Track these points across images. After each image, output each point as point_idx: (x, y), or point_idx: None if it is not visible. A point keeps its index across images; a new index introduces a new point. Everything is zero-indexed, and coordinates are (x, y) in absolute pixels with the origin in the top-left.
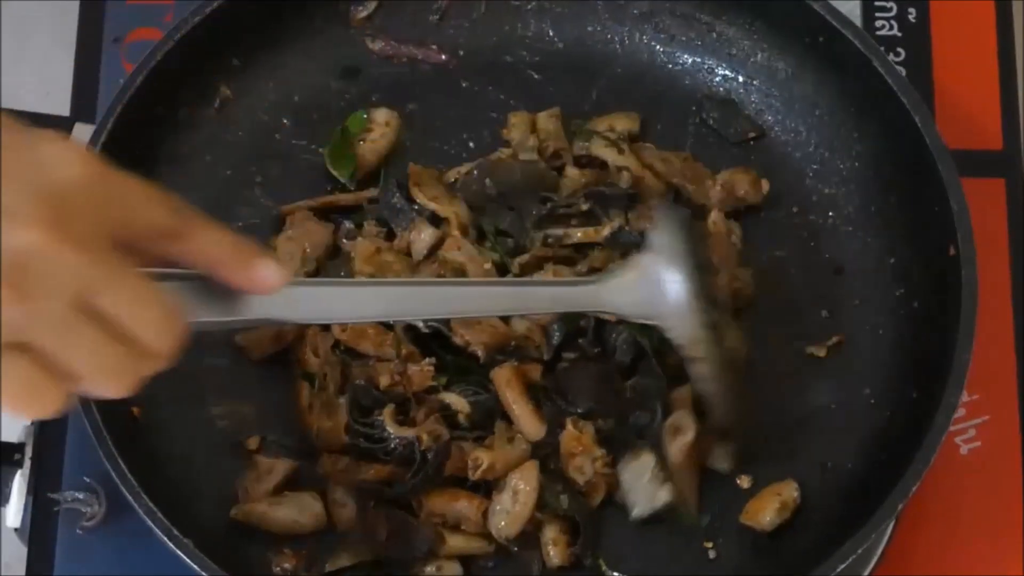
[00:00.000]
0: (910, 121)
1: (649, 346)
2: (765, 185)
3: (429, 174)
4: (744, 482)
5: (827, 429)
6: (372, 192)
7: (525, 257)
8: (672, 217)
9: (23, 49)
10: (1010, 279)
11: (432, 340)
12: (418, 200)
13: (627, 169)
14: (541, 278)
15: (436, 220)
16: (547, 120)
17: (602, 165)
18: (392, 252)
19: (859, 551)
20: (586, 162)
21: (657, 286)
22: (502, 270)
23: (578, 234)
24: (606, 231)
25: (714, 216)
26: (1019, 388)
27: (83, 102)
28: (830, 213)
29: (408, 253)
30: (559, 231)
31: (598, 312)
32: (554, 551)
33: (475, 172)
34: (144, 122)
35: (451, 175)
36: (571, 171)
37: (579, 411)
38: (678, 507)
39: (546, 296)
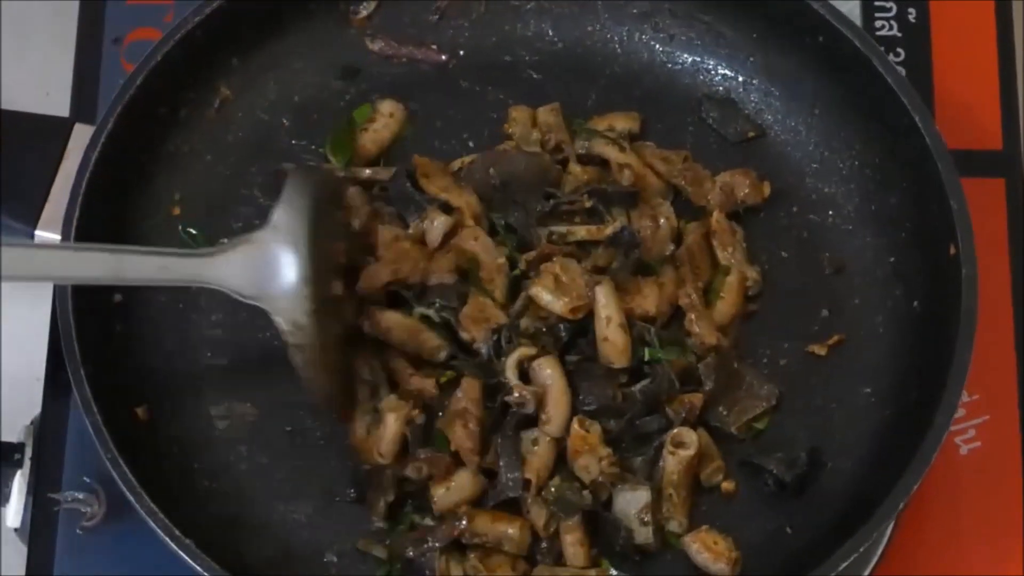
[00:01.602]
0: (910, 121)
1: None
2: (767, 188)
3: (436, 165)
4: (727, 487)
5: (827, 428)
6: (389, 170)
7: (532, 253)
8: (299, 188)
9: (23, 49)
10: (1010, 279)
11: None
12: (428, 191)
13: (629, 167)
14: (185, 250)
15: (448, 209)
16: (547, 114)
17: (603, 163)
18: (409, 240)
19: (859, 551)
20: (587, 160)
21: (268, 266)
22: (512, 265)
23: (581, 232)
24: (608, 230)
25: (716, 216)
26: (1019, 388)
27: (83, 102)
28: (830, 212)
29: (422, 241)
30: (563, 228)
31: (206, 285)
32: (575, 552)
33: (479, 162)
34: (144, 122)
35: (455, 164)
36: (574, 168)
37: (586, 409)
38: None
39: (152, 265)
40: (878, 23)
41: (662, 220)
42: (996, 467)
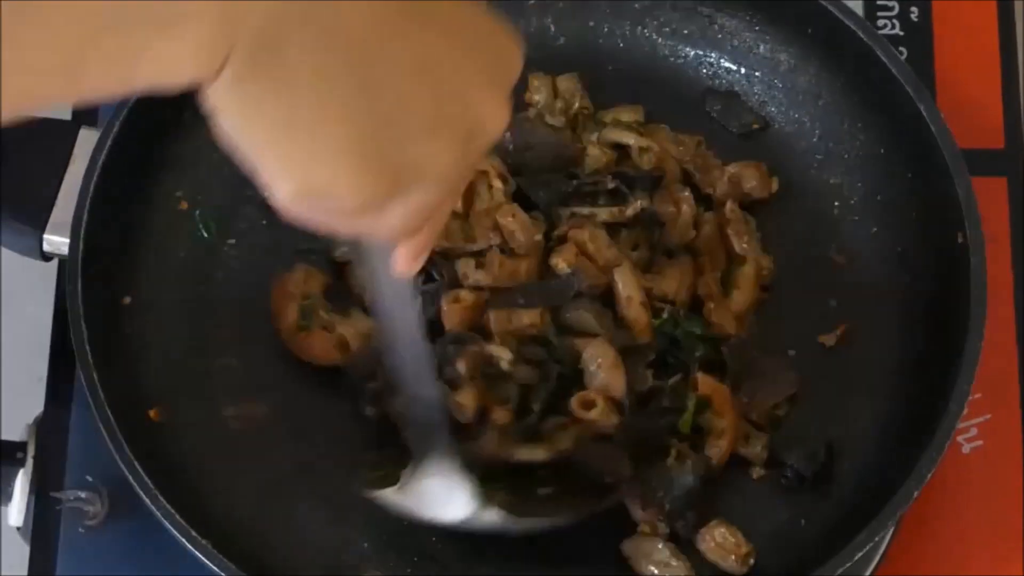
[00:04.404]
0: (913, 109)
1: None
2: (775, 183)
3: None
4: (757, 472)
5: (838, 417)
6: None
7: (563, 229)
8: None
9: None
10: (1012, 278)
11: None
12: None
13: (650, 150)
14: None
15: None
16: (567, 81)
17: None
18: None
19: (875, 540)
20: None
21: None
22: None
23: (604, 213)
24: (630, 211)
25: (730, 206)
26: (1021, 387)
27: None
28: (835, 203)
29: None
30: (585, 209)
31: None
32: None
33: None
34: (149, 126)
35: None
36: (593, 150)
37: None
38: None
39: None
40: (880, 21)
41: (684, 206)
42: (998, 466)
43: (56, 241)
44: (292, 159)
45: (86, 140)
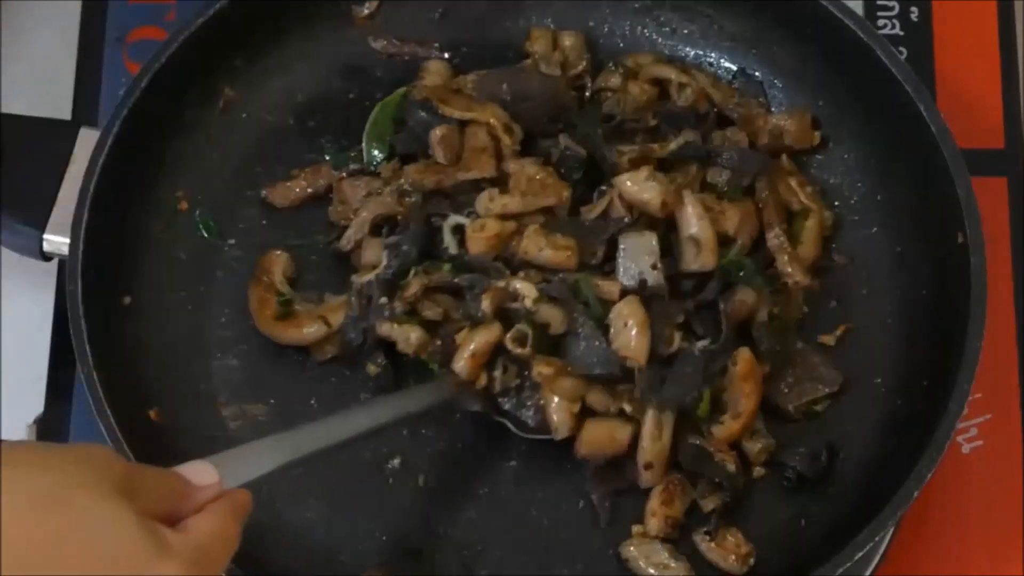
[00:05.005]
0: (914, 110)
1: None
2: (817, 136)
3: (447, 87)
4: (758, 472)
5: (839, 418)
6: None
7: (633, 152)
8: None
9: (24, 49)
10: (1012, 277)
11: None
12: (454, 115)
13: (688, 86)
14: None
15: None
16: (570, 37)
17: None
18: (443, 169)
19: (875, 540)
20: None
21: None
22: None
23: (648, 150)
24: (672, 146)
25: (784, 160)
26: (1021, 387)
27: (85, 101)
28: (836, 203)
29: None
30: (627, 147)
31: None
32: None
33: (492, 75)
34: (149, 125)
35: (467, 80)
36: (632, 88)
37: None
38: None
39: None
40: (880, 21)
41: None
42: (998, 466)
43: (56, 241)
44: None
45: (86, 140)
